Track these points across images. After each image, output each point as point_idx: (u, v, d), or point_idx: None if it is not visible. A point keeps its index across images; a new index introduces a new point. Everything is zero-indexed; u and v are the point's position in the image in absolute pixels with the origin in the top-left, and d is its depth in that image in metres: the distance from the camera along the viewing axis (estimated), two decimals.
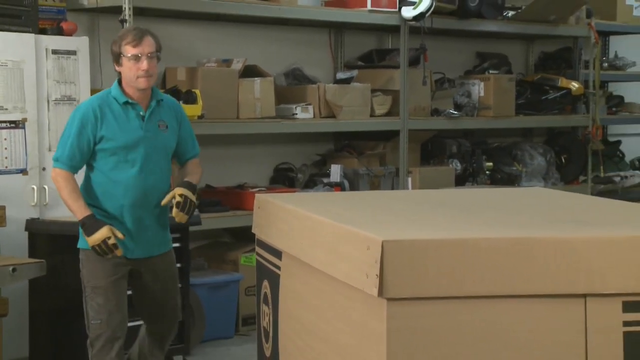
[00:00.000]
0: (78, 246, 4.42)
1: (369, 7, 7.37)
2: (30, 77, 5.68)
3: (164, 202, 4.38)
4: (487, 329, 2.88)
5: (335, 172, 7.23)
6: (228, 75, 6.53)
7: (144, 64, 4.23)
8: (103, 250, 4.19)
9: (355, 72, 7.68)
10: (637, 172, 9.75)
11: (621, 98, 9.98)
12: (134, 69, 4.25)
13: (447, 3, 7.77)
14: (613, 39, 10.03)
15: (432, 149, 8.25)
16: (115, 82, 4.40)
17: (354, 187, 7.22)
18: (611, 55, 9.93)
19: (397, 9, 7.42)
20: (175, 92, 6.31)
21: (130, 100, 4.34)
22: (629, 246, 2.93)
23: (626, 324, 2.90)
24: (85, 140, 4.30)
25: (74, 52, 5.88)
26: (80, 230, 4.33)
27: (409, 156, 7.62)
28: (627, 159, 10.14)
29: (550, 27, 8.77)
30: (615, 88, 10.16)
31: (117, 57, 4.30)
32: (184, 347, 5.77)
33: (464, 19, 8.03)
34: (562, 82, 8.87)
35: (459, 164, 8.12)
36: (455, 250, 2.85)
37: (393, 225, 3.44)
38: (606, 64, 9.61)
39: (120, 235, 4.22)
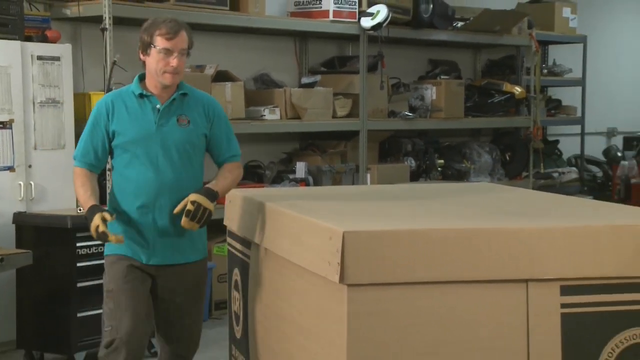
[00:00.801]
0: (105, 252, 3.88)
1: (331, 17, 7.36)
2: (17, 81, 5.63)
3: (176, 210, 3.62)
4: (438, 312, 2.90)
5: (301, 169, 7.22)
6: (201, 80, 6.46)
7: (174, 61, 3.62)
8: (100, 238, 3.58)
9: (318, 77, 7.67)
10: (573, 168, 9.87)
11: (559, 101, 10.10)
12: (162, 63, 3.62)
13: (402, 14, 7.79)
14: (552, 48, 10.13)
15: (389, 148, 8.27)
16: (137, 77, 3.79)
17: (317, 182, 7.22)
18: (550, 62, 10.02)
19: (356, 20, 7.42)
20: None
21: (145, 93, 3.71)
22: (566, 235, 2.96)
23: (563, 305, 2.93)
24: (99, 136, 3.71)
25: (57, 58, 5.83)
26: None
27: (367, 154, 7.62)
28: (564, 156, 10.26)
29: (496, 37, 8.83)
30: (554, 92, 10.26)
31: (146, 46, 3.65)
32: None
33: (418, 29, 8.05)
34: (506, 86, 8.92)
35: (413, 161, 8.15)
36: (409, 240, 2.86)
37: (353, 217, 3.45)
38: (546, 71, 9.71)
39: (108, 217, 3.55)
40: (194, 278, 3.85)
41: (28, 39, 5.76)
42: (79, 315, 5.26)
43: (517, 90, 8.89)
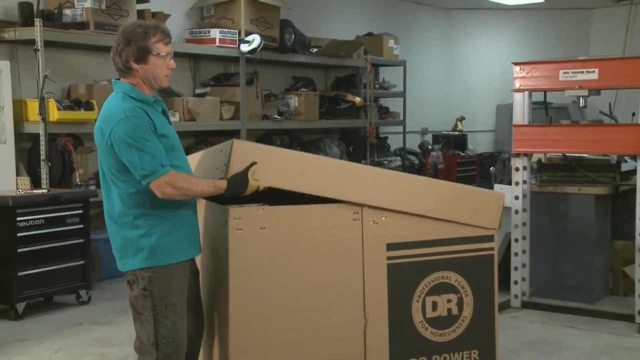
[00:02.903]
0: (140, 266, 2.79)
1: (217, 43, 7.37)
2: None
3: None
4: (298, 227, 2.92)
5: None
6: None
7: (172, 63, 2.92)
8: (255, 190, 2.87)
9: (208, 89, 7.67)
10: (397, 157, 10.02)
11: (387, 108, 10.22)
12: (164, 67, 2.87)
13: (272, 42, 7.88)
14: (382, 69, 10.26)
15: (263, 142, 8.33)
16: (129, 86, 2.84)
17: None
18: (380, 79, 10.15)
19: (237, 46, 7.45)
20: (78, 102, 6.16)
21: (157, 97, 2.94)
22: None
23: (389, 258, 3.03)
24: (158, 141, 2.79)
25: None
26: (143, 251, 2.78)
27: None
28: (392, 149, 10.45)
29: (341, 60, 8.96)
30: (384, 102, 10.40)
31: (144, 55, 2.81)
32: (87, 284, 5.63)
33: (283, 53, 8.13)
34: (350, 97, 9.04)
35: None
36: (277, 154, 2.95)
37: None
38: (377, 86, 9.83)
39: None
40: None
41: None
42: (19, 274, 5.14)
43: (357, 100, 9.06)
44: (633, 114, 5.12)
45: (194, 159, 3.36)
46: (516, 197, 5.32)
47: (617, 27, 11.47)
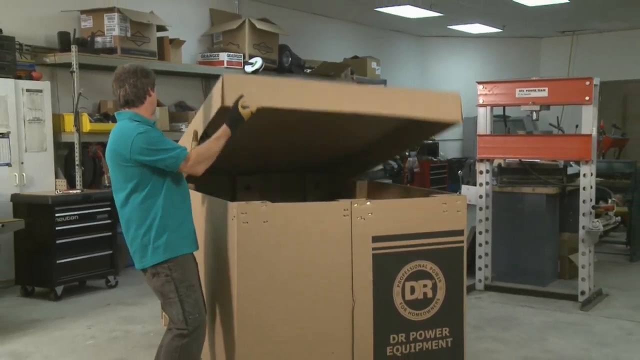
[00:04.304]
0: (160, 260, 2.83)
1: (225, 65, 7.36)
2: (12, 106, 5.42)
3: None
4: (296, 221, 2.88)
5: None
6: None
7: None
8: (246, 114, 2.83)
9: None
10: None
11: None
12: (155, 101, 2.96)
13: (271, 64, 7.87)
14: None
15: None
16: (133, 113, 2.86)
17: None
18: None
19: (242, 67, 7.45)
20: (106, 115, 6.13)
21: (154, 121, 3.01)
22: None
23: (374, 249, 3.01)
24: None
25: (40, 91, 5.63)
26: (159, 248, 2.81)
27: None
28: None
29: (331, 79, 8.80)
30: None
31: (146, 93, 2.88)
32: (115, 270, 5.63)
33: (282, 73, 8.09)
34: None
35: None
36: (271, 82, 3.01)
37: None
38: None
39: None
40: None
41: (19, 77, 5.55)
42: (57, 262, 5.13)
43: None
44: (576, 126, 5.15)
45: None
46: (480, 196, 5.34)
47: (562, 53, 11.67)
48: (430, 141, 11.45)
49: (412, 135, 3.80)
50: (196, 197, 3.42)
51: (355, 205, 3.00)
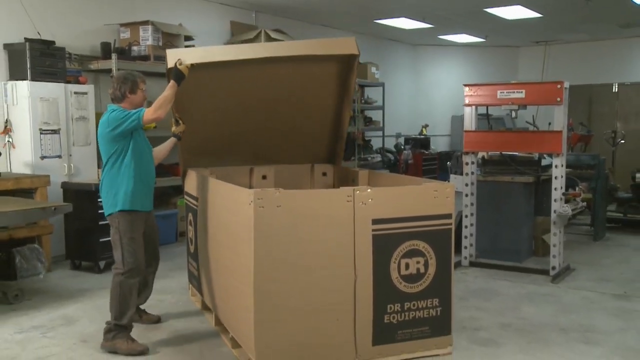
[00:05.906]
0: (113, 211, 3.32)
1: None
2: (62, 107, 5.39)
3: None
4: (305, 206, 2.86)
5: None
6: None
7: (146, 94, 3.47)
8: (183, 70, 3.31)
9: None
10: (378, 155, 10.04)
11: (370, 118, 10.19)
12: (143, 96, 3.41)
13: None
14: (367, 89, 10.15)
15: None
16: (117, 106, 3.39)
17: None
18: (366, 96, 10.08)
19: None
20: None
21: None
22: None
23: (373, 230, 2.98)
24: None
25: (85, 93, 5.59)
26: (115, 201, 3.29)
27: None
28: (374, 148, 10.44)
29: None
30: (368, 113, 10.32)
31: (135, 88, 3.36)
32: None
33: None
34: None
35: None
36: None
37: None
38: (363, 101, 9.80)
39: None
40: (154, 218, 3.63)
41: (68, 82, 5.53)
42: (100, 240, 5.10)
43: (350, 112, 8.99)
44: (549, 124, 5.08)
45: None
46: (466, 184, 5.29)
47: (537, 60, 11.64)
48: (422, 136, 11.42)
49: (339, 80, 3.98)
50: (217, 184, 3.41)
51: (358, 192, 2.98)
